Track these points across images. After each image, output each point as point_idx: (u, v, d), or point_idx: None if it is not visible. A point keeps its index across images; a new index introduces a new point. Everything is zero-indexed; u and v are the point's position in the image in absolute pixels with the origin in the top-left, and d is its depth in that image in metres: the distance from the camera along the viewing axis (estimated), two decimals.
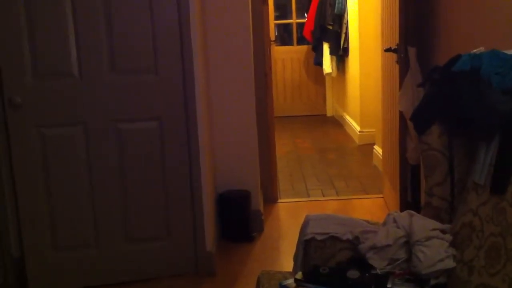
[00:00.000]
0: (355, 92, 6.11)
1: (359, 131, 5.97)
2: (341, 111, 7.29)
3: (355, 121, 6.18)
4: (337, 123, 7.34)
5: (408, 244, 1.84)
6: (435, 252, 1.75)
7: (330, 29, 6.57)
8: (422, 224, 1.85)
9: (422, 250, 1.78)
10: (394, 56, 3.38)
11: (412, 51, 3.25)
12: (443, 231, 1.82)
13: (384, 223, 2.01)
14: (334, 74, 6.91)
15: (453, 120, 1.80)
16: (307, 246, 1.95)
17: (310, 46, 7.42)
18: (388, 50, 3.36)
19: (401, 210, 3.40)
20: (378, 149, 4.97)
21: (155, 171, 2.80)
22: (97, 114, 2.71)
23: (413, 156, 3.34)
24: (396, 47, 3.29)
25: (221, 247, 3.30)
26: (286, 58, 7.82)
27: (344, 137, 6.48)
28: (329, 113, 7.92)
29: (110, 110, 2.72)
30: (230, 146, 3.51)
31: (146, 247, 2.85)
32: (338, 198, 4.27)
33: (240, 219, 3.46)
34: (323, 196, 4.33)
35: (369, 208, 3.99)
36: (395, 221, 1.95)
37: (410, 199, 3.39)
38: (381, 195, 4.15)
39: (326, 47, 6.79)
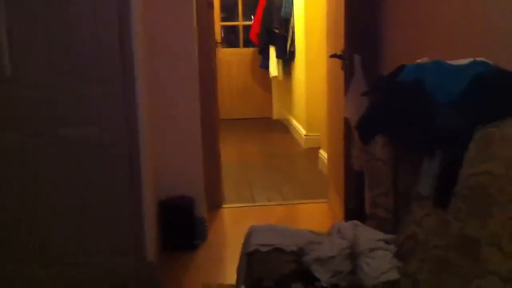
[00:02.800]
0: (301, 95, 6.12)
1: (305, 135, 5.98)
2: (287, 115, 7.30)
3: (301, 125, 6.19)
4: (283, 127, 7.34)
5: (353, 255, 1.82)
6: (379, 264, 1.73)
7: (277, 33, 6.57)
8: (367, 235, 1.83)
9: (367, 261, 1.76)
10: (339, 62, 3.38)
11: (357, 59, 3.26)
12: (387, 242, 1.81)
13: (329, 234, 1.98)
14: (281, 78, 6.91)
15: (397, 132, 1.79)
16: (251, 258, 1.90)
17: (257, 49, 7.40)
18: (333, 56, 3.36)
19: (346, 216, 3.40)
20: (323, 153, 4.99)
21: (92, 180, 2.68)
22: (33, 119, 2.58)
23: (357, 162, 3.35)
24: (341, 53, 3.29)
25: (164, 256, 3.20)
26: (233, 60, 7.76)
27: (290, 141, 6.48)
28: (275, 116, 7.91)
29: (47, 115, 2.59)
30: (173, 151, 3.42)
31: (84, 261, 2.73)
32: (284, 203, 4.25)
33: (183, 227, 3.38)
34: (269, 201, 4.30)
35: (314, 214, 3.99)
36: (339, 231, 1.93)
37: (353, 206, 3.40)
38: (325, 200, 4.16)
39: (272, 51, 6.78)
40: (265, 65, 7.11)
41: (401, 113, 1.75)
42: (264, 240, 1.91)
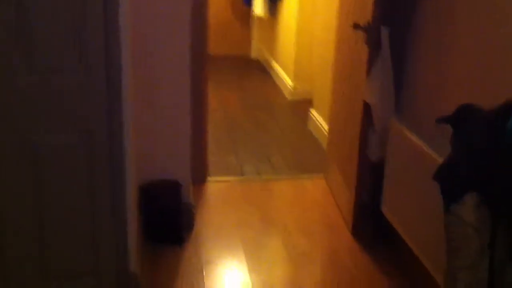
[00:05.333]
0: (290, 42, 5.53)
1: (292, 86, 5.45)
2: (267, 56, 6.71)
3: (288, 75, 5.64)
4: (262, 68, 6.79)
5: None
6: None
7: None
8: None
9: None
10: (359, 33, 2.84)
11: (384, 33, 2.73)
12: None
13: None
14: (266, 18, 6.27)
15: (498, 191, 1.33)
16: None
17: None
18: (357, 27, 2.80)
19: (355, 209, 3.00)
20: (315, 114, 4.51)
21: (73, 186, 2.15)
22: (4, 125, 2.00)
23: (376, 153, 2.90)
24: (367, 24, 2.74)
25: (146, 254, 2.74)
26: None
27: (272, 88, 5.95)
28: (253, 55, 7.32)
29: (20, 119, 2.01)
30: (155, 126, 2.89)
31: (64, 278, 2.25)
32: (276, 177, 3.80)
33: (168, 218, 2.91)
34: (258, 173, 3.84)
35: (312, 192, 3.57)
36: None
37: (366, 201, 2.99)
38: (321, 175, 3.73)
39: None
40: (249, 2, 6.43)
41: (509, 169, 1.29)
42: None
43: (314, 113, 4.57)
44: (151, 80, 2.81)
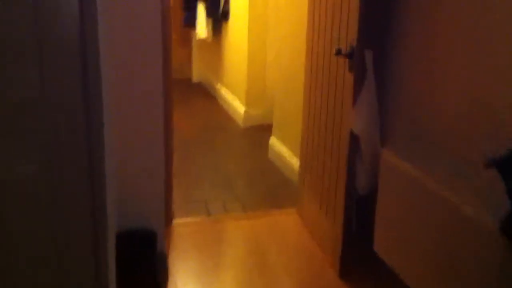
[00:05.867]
0: (240, 65, 5.31)
1: (245, 112, 5.21)
2: (212, 79, 6.46)
3: (239, 99, 5.40)
4: (207, 92, 6.53)
5: None
6: None
7: None
8: None
9: None
10: (341, 60, 2.66)
11: (368, 56, 2.57)
12: None
13: None
14: (210, 40, 6.02)
15: None
16: None
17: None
18: (338, 53, 2.62)
19: (343, 250, 2.79)
20: (276, 142, 4.30)
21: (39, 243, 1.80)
22: None
23: (365, 185, 2.72)
24: (350, 49, 2.56)
25: None
26: None
27: (222, 115, 5.68)
28: (195, 78, 7.05)
29: None
30: (128, 170, 2.58)
31: None
32: (245, 215, 3.53)
33: (144, 269, 2.59)
34: (226, 211, 3.57)
35: (287, 230, 3.33)
36: None
37: (355, 228, 2.79)
38: (293, 209, 3.51)
39: (201, 8, 5.84)
40: (190, 23, 6.16)
41: None
42: None
43: (274, 141, 4.35)
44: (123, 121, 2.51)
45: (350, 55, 2.56)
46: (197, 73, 7.03)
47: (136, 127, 2.57)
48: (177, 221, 3.34)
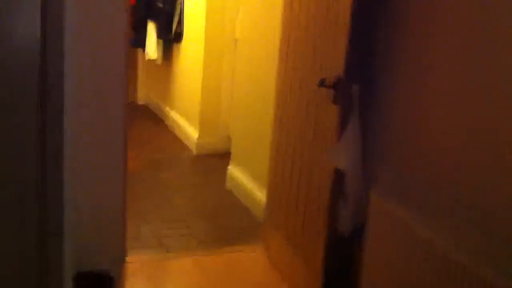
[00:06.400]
0: (193, 90, 5.04)
1: (198, 139, 4.93)
2: (160, 103, 6.16)
3: (192, 125, 5.11)
4: (154, 116, 6.21)
5: None
6: None
7: (160, 7, 5.38)
8: None
9: None
10: (323, 91, 2.47)
11: (355, 90, 2.39)
12: None
13: None
14: (160, 62, 5.74)
15: None
16: None
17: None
18: (322, 85, 2.42)
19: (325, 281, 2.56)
20: (235, 171, 4.05)
21: None
22: None
23: (348, 226, 2.51)
24: (335, 81, 2.37)
25: None
26: None
27: (173, 141, 5.36)
28: (140, 101, 6.72)
29: None
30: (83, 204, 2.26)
31: None
32: (205, 252, 3.24)
33: None
34: (183, 248, 3.27)
35: (253, 270, 3.07)
36: None
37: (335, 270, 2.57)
38: (257, 246, 3.26)
39: (151, 28, 5.56)
40: (138, 44, 5.86)
41: None
42: None
43: (233, 170, 4.10)
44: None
45: (335, 86, 2.37)
46: (143, 94, 6.71)
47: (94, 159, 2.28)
48: (130, 259, 3.01)
